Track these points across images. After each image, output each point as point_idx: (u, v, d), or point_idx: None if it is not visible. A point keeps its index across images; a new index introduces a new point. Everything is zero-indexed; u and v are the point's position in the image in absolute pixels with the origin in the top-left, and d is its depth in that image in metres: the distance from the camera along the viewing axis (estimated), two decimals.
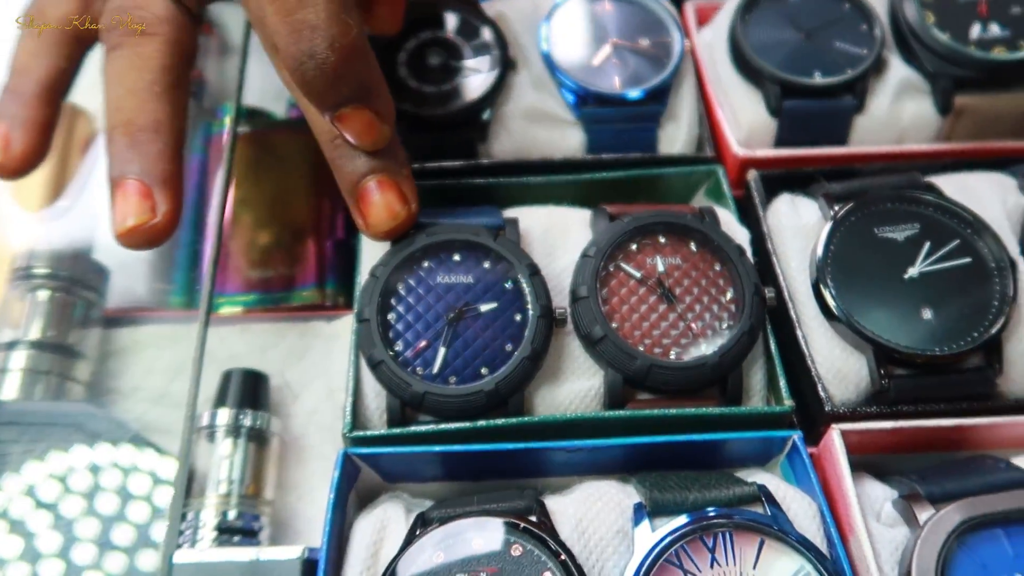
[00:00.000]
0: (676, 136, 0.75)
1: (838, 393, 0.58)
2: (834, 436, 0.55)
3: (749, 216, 0.68)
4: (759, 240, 0.66)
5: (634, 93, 0.73)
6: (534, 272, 0.59)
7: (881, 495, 0.54)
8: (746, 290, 0.59)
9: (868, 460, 0.58)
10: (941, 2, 0.73)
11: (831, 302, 0.58)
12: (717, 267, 0.61)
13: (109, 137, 0.56)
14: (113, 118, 0.56)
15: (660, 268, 0.60)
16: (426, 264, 0.60)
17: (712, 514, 0.49)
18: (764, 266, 0.65)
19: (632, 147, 0.74)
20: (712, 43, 0.78)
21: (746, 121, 0.74)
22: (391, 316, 0.58)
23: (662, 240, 0.62)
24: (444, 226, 0.61)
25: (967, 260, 0.59)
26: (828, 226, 0.60)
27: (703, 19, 0.83)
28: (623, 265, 0.60)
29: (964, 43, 0.71)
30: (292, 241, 0.75)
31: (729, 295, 0.60)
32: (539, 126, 0.74)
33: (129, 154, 0.55)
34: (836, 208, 0.61)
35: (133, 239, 0.54)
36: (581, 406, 0.59)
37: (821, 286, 0.59)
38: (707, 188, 0.72)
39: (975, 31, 0.72)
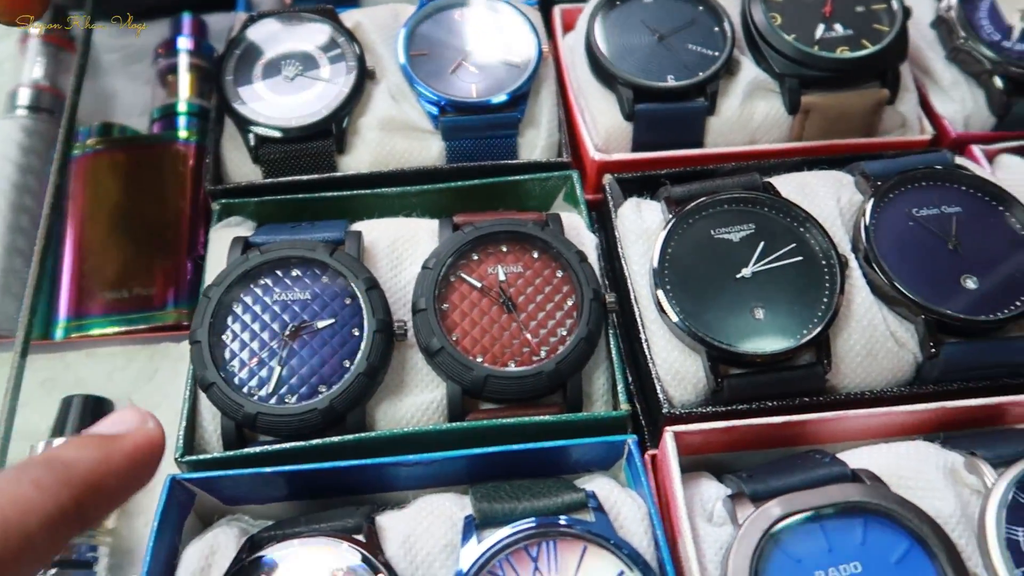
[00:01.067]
0: (535, 142, 0.75)
1: (678, 394, 0.59)
2: (667, 438, 0.55)
3: (606, 220, 0.69)
4: (611, 244, 0.67)
5: (498, 98, 0.73)
6: (371, 286, 0.59)
7: (715, 495, 0.54)
8: (584, 296, 0.59)
9: (716, 459, 0.59)
10: (788, 4, 0.75)
11: (666, 305, 0.58)
12: (559, 274, 0.61)
13: None
14: None
15: (501, 277, 0.61)
16: (262, 282, 0.59)
17: (533, 524, 0.49)
18: (614, 270, 0.66)
19: (492, 155, 0.75)
20: (573, 48, 0.79)
21: (603, 125, 0.74)
22: (226, 336, 0.57)
23: (504, 249, 0.62)
24: (280, 243, 0.60)
25: (799, 259, 0.60)
26: (665, 229, 0.61)
27: (569, 24, 0.84)
28: (464, 275, 0.60)
29: (809, 44, 0.72)
30: (150, 260, 0.73)
31: (570, 302, 0.60)
32: (398, 136, 0.74)
33: None
34: (674, 211, 0.62)
35: None
36: (424, 419, 0.59)
37: (657, 289, 0.59)
38: (564, 194, 0.72)
39: (819, 31, 0.73)
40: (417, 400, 0.59)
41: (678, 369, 0.59)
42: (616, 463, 0.58)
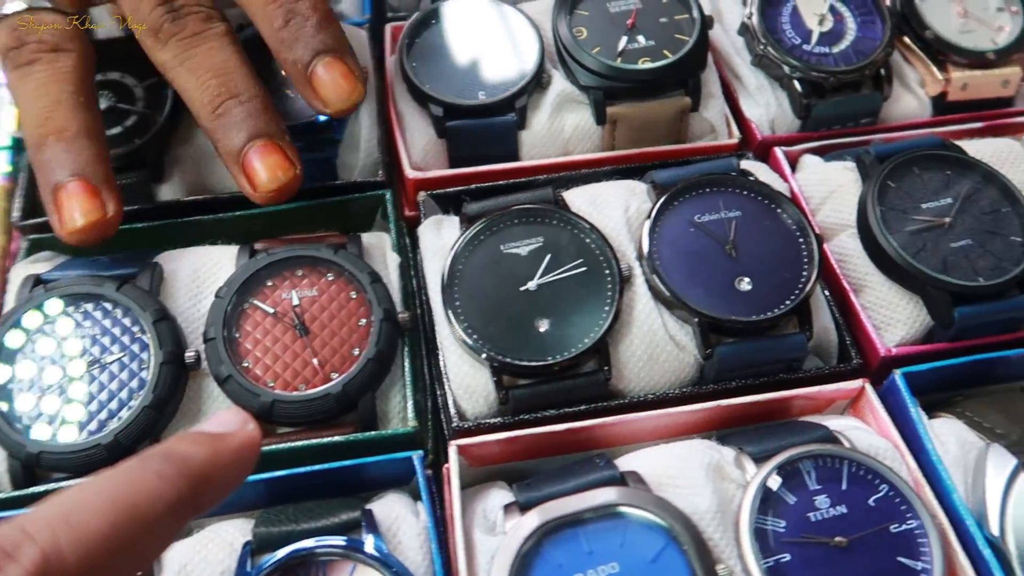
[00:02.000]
0: (355, 162, 0.76)
1: (470, 407, 0.61)
2: (451, 451, 0.57)
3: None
4: (418, 262, 0.68)
5: (313, 119, 0.74)
6: (159, 318, 0.59)
7: (498, 504, 0.56)
8: (375, 316, 0.61)
9: (520, 467, 0.61)
10: (593, 17, 0.77)
11: (453, 320, 0.60)
12: (353, 295, 0.62)
13: (39, 145, 0.59)
14: (43, 128, 0.59)
15: (295, 302, 0.62)
16: (54, 319, 0.59)
17: (300, 548, 0.51)
18: (420, 288, 0.67)
19: (312, 175, 0.75)
20: (394, 66, 0.80)
21: (420, 143, 0.75)
22: (14, 370, 0.58)
23: (300, 274, 0.63)
24: (71, 279, 0.61)
25: (583, 270, 0.62)
26: (454, 247, 0.63)
27: None
28: (257, 302, 0.61)
29: (611, 56, 0.74)
30: None
31: (363, 323, 0.61)
32: (217, 162, 0.74)
33: (67, 158, 0.58)
34: (465, 228, 0.64)
35: (86, 235, 0.58)
36: None
37: (445, 305, 0.61)
38: (382, 212, 0.74)
39: (622, 44, 0.75)
40: None
41: (469, 383, 0.61)
42: (413, 479, 0.60)
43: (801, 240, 0.64)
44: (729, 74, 0.82)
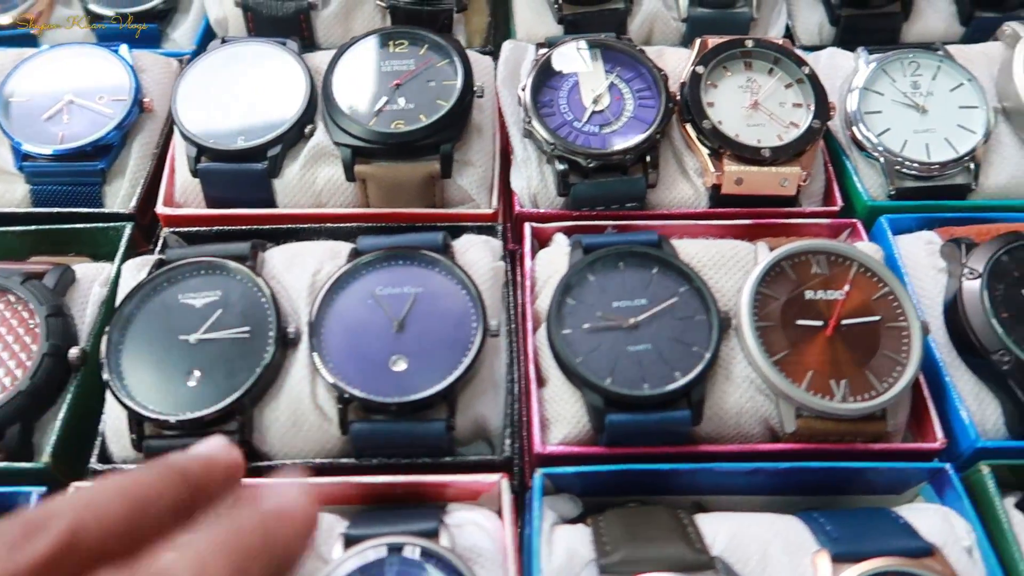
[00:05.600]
0: (119, 192, 0.78)
1: (117, 451, 0.62)
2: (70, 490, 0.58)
3: None
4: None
5: (79, 147, 0.77)
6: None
7: None
8: (37, 350, 0.63)
9: None
10: (362, 73, 0.78)
11: (106, 364, 0.61)
12: (31, 325, 0.64)
13: None
14: None
15: None
16: None
17: None
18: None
19: (76, 202, 0.78)
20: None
21: (179, 181, 0.77)
22: None
23: (12, 299, 0.65)
24: None
25: (245, 328, 0.63)
26: (129, 292, 0.64)
27: None
28: None
29: (367, 115, 0.75)
30: None
31: (24, 356, 0.63)
32: None
33: None
34: (151, 273, 0.65)
35: None
36: None
37: (108, 347, 0.62)
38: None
39: (380, 103, 0.76)
40: None
41: (117, 426, 0.62)
42: None
43: (474, 325, 0.63)
44: (516, 141, 0.81)
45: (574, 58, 0.82)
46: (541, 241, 0.75)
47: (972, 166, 0.79)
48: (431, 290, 0.65)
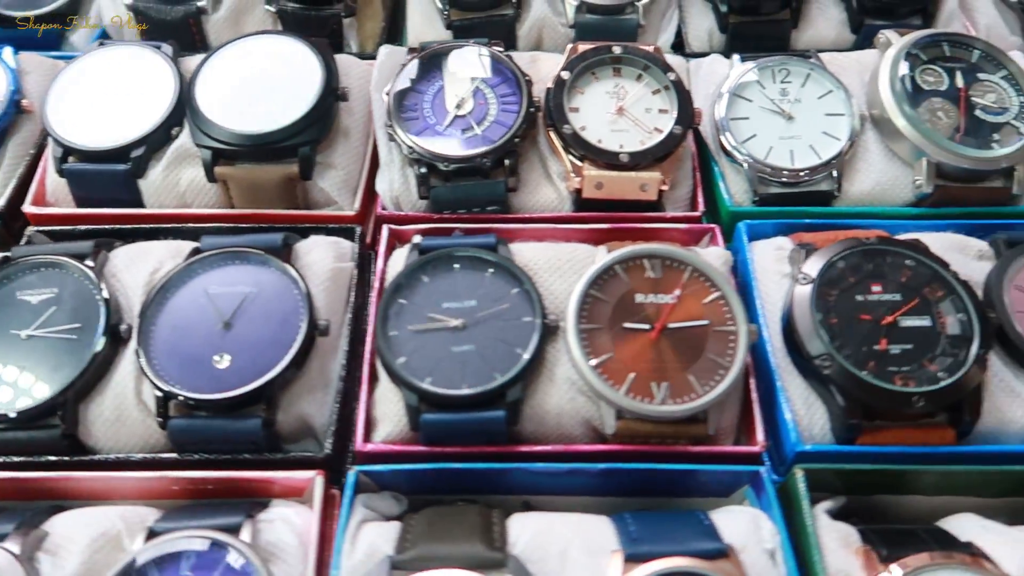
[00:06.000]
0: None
1: None
2: None
3: None
4: None
5: None
6: None
7: None
8: None
9: None
10: (218, 81, 0.79)
11: None
12: None
13: None
14: None
15: None
16: None
17: None
18: None
19: None
20: None
21: (50, 181, 0.79)
22: None
23: None
24: None
25: (76, 326, 0.64)
26: None
27: None
28: None
29: (228, 118, 0.76)
30: None
31: None
32: None
33: None
34: None
35: None
36: None
37: None
38: None
39: (242, 106, 0.77)
40: None
41: None
42: None
43: (300, 324, 0.64)
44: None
45: (474, 63, 0.82)
46: (404, 243, 0.76)
47: (835, 173, 0.80)
48: (263, 289, 0.66)
